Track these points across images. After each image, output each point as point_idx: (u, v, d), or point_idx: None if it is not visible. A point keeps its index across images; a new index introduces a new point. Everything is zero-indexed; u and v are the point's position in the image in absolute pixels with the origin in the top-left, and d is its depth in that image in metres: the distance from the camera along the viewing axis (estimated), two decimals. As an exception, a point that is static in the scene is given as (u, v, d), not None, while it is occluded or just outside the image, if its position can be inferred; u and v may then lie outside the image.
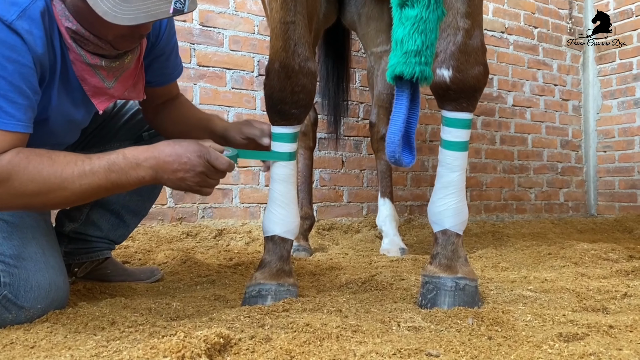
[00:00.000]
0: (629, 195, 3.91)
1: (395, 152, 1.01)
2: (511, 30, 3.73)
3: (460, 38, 1.06)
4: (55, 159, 1.03)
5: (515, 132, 3.74)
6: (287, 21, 1.11)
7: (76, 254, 1.53)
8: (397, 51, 0.95)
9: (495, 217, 3.61)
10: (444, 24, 1.08)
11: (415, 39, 0.91)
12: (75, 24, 1.08)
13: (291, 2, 1.10)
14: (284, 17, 1.11)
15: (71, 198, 1.04)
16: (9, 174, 0.98)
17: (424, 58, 0.92)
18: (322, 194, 2.92)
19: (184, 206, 2.51)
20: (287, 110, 1.16)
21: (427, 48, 0.92)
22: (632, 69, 3.90)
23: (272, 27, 1.16)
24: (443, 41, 1.08)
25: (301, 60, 1.13)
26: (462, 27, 1.06)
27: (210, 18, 2.61)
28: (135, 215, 1.59)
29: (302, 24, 1.13)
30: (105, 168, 1.04)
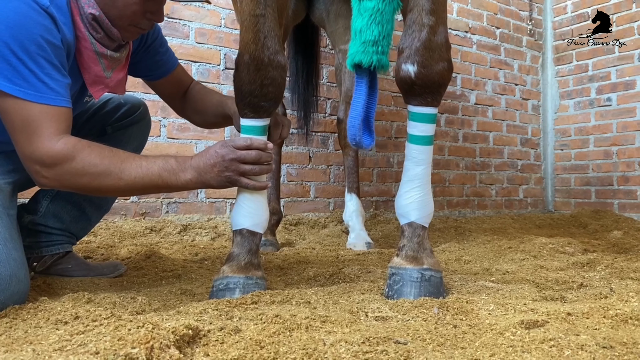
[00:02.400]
0: (583, 192, 4.06)
1: (356, 135, 1.06)
2: (474, 30, 3.82)
3: (424, 34, 1.08)
4: (116, 152, 1.14)
5: (477, 130, 3.83)
6: (256, 14, 1.11)
7: (35, 248, 1.49)
8: (356, 41, 0.99)
9: (457, 213, 3.69)
10: (409, 20, 1.10)
11: (372, 30, 0.95)
12: (99, 11, 1.19)
13: None
14: (253, 9, 1.10)
15: (123, 188, 1.13)
16: (73, 155, 1.09)
17: (381, 47, 0.97)
18: (289, 189, 2.91)
19: (148, 201, 2.47)
20: (256, 103, 1.16)
21: (384, 38, 0.96)
22: (587, 71, 4.05)
23: (242, 20, 1.15)
24: (408, 37, 1.10)
25: (271, 53, 1.13)
26: (427, 23, 1.08)
27: (176, 10, 2.56)
28: (97, 209, 1.57)
29: (272, 17, 1.13)
30: (160, 166, 1.12)
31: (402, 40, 1.11)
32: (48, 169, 1.10)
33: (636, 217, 3.67)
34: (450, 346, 0.77)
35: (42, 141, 1.09)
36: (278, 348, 0.73)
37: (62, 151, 1.09)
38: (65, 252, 1.53)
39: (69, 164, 1.09)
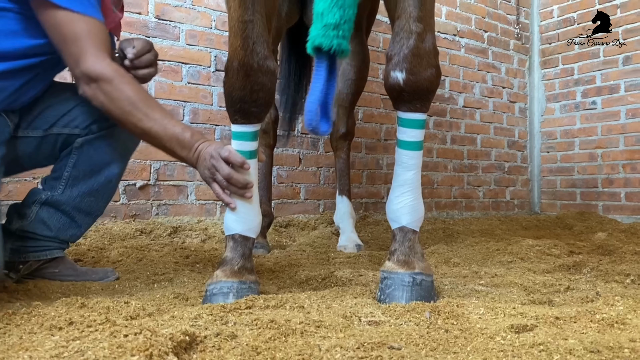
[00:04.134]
0: (569, 194, 4.13)
1: (313, 120, 1.06)
2: (463, 34, 3.85)
3: (412, 42, 1.10)
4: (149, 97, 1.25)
5: (465, 132, 3.87)
6: (245, 20, 1.11)
7: (22, 252, 1.48)
8: (317, 24, 0.99)
9: (445, 214, 3.73)
10: (397, 27, 1.12)
11: (334, 13, 0.95)
12: None
13: (249, 1, 1.10)
14: (242, 15, 1.11)
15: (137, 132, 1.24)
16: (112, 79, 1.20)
17: (342, 32, 0.96)
18: (279, 191, 2.92)
19: (138, 203, 2.46)
20: (247, 109, 1.16)
21: (345, 22, 0.96)
22: (573, 74, 4.11)
23: (231, 26, 1.16)
24: (396, 44, 1.11)
25: (260, 59, 1.14)
26: (415, 31, 1.09)
27: (167, 11, 2.56)
28: (87, 215, 1.56)
29: (261, 23, 1.14)
30: (176, 133, 1.20)
31: (391, 47, 1.13)
32: (89, 83, 1.22)
33: (620, 218, 3.74)
34: (442, 351, 0.79)
35: (89, 56, 1.21)
36: (274, 354, 0.74)
37: (103, 71, 1.20)
38: (53, 257, 1.52)
39: (106, 85, 1.20)
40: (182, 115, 2.60)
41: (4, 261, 1.46)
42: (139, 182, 2.45)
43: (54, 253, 1.52)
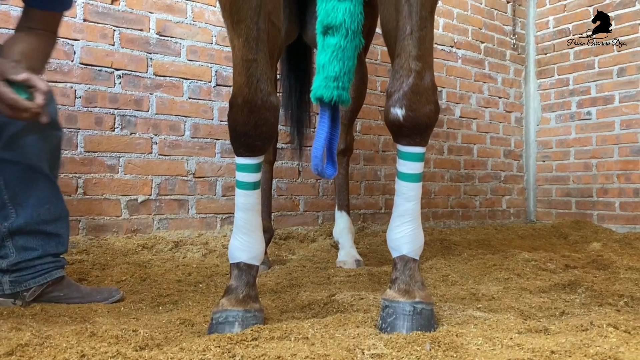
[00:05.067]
0: (564, 203, 4.17)
1: (318, 165, 1.10)
2: (459, 45, 3.90)
3: (412, 79, 1.13)
4: None
5: (462, 143, 3.91)
6: (249, 59, 1.14)
7: (22, 281, 1.49)
8: (319, 75, 1.03)
9: (442, 224, 3.77)
10: (397, 65, 1.15)
11: (334, 66, 0.98)
12: None
13: (253, 41, 1.13)
14: (246, 55, 1.14)
15: None
16: None
17: (342, 83, 1.00)
18: (278, 203, 2.96)
19: (139, 218, 2.49)
20: (251, 143, 1.20)
21: (345, 74, 1.00)
22: (568, 85, 4.16)
23: (235, 64, 1.19)
24: (396, 82, 1.15)
25: (264, 96, 1.17)
26: (414, 69, 1.13)
27: (168, 27, 2.59)
28: (57, 221, 1.54)
29: (264, 61, 1.16)
30: None
31: (391, 85, 1.16)
32: None
33: (614, 228, 3.79)
34: (443, 388, 0.82)
35: None
36: (283, 394, 0.78)
37: None
38: (56, 278, 1.52)
39: None
40: (183, 130, 2.63)
41: (7, 293, 1.49)
42: (140, 197, 2.48)
43: (54, 274, 1.53)
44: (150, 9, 2.54)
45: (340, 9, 0.84)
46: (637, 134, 3.75)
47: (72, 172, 2.31)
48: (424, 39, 1.12)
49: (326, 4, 0.84)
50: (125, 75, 2.45)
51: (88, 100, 2.35)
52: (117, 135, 2.43)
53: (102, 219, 2.39)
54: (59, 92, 2.28)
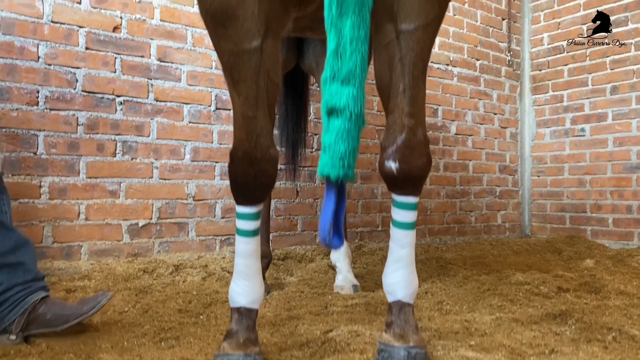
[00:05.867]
0: (559, 218, 4.23)
1: (326, 238, 1.13)
2: (455, 63, 3.95)
3: (405, 135, 1.18)
4: None
5: (457, 159, 3.97)
6: (249, 116, 1.19)
7: (3, 316, 1.51)
8: (325, 154, 1.05)
9: (438, 240, 3.82)
10: (391, 120, 1.20)
11: (339, 147, 1.01)
12: None
13: (253, 99, 1.18)
14: (246, 112, 1.18)
15: None
16: None
17: (347, 162, 1.03)
18: (277, 223, 3.00)
19: (140, 242, 2.53)
20: (250, 193, 1.25)
21: (350, 154, 1.02)
22: (563, 101, 4.22)
23: (236, 119, 1.23)
24: (390, 137, 1.20)
25: (263, 149, 1.22)
26: (407, 125, 1.18)
27: (168, 53, 2.63)
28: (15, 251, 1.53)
29: (264, 117, 1.21)
30: None
31: (385, 139, 1.22)
32: None
33: (608, 243, 3.85)
34: None
35: None
36: None
37: None
38: (36, 301, 1.53)
39: None
40: (183, 154, 2.67)
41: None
42: (141, 222, 2.52)
43: (29, 301, 1.52)
44: (151, 36, 2.58)
45: (344, 93, 0.88)
46: (630, 151, 3.81)
47: (74, 198, 2.36)
48: (416, 97, 1.17)
49: (330, 87, 0.88)
50: (126, 101, 2.50)
51: (90, 127, 2.40)
52: (119, 160, 2.47)
53: (104, 244, 2.43)
54: (61, 120, 2.32)
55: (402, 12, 1.11)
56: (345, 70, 0.86)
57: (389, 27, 1.16)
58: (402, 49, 1.14)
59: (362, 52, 0.87)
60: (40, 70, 2.29)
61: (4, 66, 2.21)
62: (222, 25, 1.10)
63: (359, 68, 0.86)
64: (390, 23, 1.15)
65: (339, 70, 0.86)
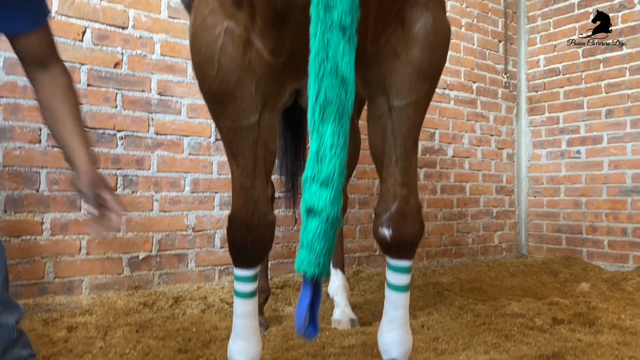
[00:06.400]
0: (555, 238, 4.27)
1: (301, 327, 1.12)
2: (452, 86, 4.00)
3: (397, 204, 1.22)
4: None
5: (454, 182, 4.01)
6: (247, 186, 1.23)
7: None
8: (303, 250, 1.05)
9: (435, 263, 3.86)
10: (384, 189, 1.25)
11: (316, 246, 1.01)
12: None
13: (250, 170, 1.22)
14: (244, 182, 1.22)
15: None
16: None
17: (323, 261, 1.02)
18: (275, 251, 3.04)
19: (140, 274, 2.56)
20: (248, 257, 1.29)
21: (325, 253, 1.01)
22: (559, 123, 4.27)
23: (234, 187, 1.27)
24: (383, 204, 1.24)
25: (260, 216, 1.26)
26: (400, 194, 1.22)
27: (169, 87, 2.68)
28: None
29: (261, 185, 1.25)
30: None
31: (378, 206, 1.26)
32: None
33: (603, 265, 3.89)
34: None
35: None
36: None
37: None
38: None
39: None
40: (183, 186, 2.71)
41: None
42: (141, 254, 2.56)
43: None
44: (152, 71, 2.62)
45: (323, 196, 0.91)
46: (625, 174, 3.85)
47: (75, 233, 2.39)
48: (408, 168, 1.22)
49: (310, 187, 0.92)
50: (127, 136, 2.54)
51: (91, 163, 2.43)
52: (119, 195, 2.51)
53: (105, 277, 2.46)
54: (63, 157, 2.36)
55: (394, 89, 1.15)
56: (324, 173, 0.89)
57: (381, 100, 1.20)
58: (394, 122, 1.18)
59: (341, 157, 0.91)
60: (43, 109, 2.33)
61: (7, 106, 2.25)
62: (221, 104, 1.14)
63: (337, 173, 0.90)
64: (382, 96, 1.19)
65: (319, 172, 0.90)
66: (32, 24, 1.28)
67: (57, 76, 1.36)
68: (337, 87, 0.87)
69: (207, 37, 1.08)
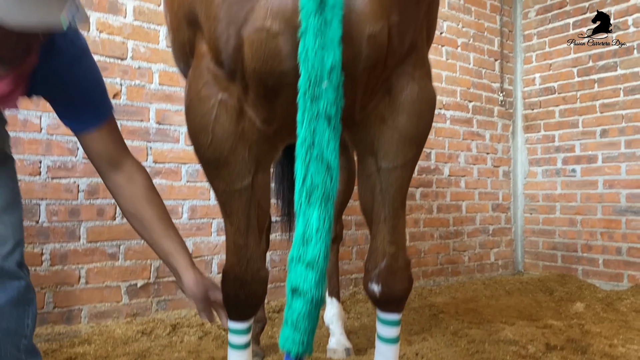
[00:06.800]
0: (550, 256, 4.31)
1: None
2: (448, 106, 4.03)
3: (386, 261, 1.26)
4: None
5: (450, 201, 4.04)
6: (240, 244, 1.26)
7: None
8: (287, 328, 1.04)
9: (432, 282, 3.89)
10: (373, 246, 1.28)
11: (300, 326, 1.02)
12: None
13: (244, 229, 1.25)
14: (237, 240, 1.26)
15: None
16: None
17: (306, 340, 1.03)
18: (272, 275, 3.07)
19: (139, 302, 2.60)
20: (241, 311, 1.33)
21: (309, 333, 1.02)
22: (554, 141, 4.30)
23: (227, 244, 1.31)
24: (372, 261, 1.28)
25: (253, 272, 1.29)
26: (389, 252, 1.26)
27: (167, 117, 2.72)
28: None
29: (254, 243, 1.28)
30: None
31: (368, 262, 1.29)
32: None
33: (598, 284, 3.92)
34: None
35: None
36: None
37: None
38: None
39: None
40: (181, 213, 2.75)
41: None
42: (140, 282, 2.60)
43: None
44: (150, 100, 2.66)
45: (308, 278, 0.94)
46: (620, 194, 3.89)
47: (74, 263, 2.43)
48: (396, 226, 1.25)
49: (295, 267, 0.95)
50: (125, 165, 2.57)
51: (90, 194, 2.48)
52: (118, 224, 2.54)
53: (103, 306, 2.50)
54: (63, 188, 2.40)
55: (382, 152, 1.19)
56: (310, 256, 0.93)
57: (370, 161, 1.24)
58: (382, 182, 1.22)
59: (326, 241, 0.94)
60: (43, 141, 2.37)
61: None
62: (215, 169, 1.17)
63: (322, 256, 0.93)
64: (371, 157, 1.23)
65: (304, 254, 0.94)
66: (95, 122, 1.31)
67: (133, 176, 1.37)
68: (323, 173, 0.91)
69: (201, 108, 1.11)
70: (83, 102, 1.30)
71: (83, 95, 1.29)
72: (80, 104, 1.30)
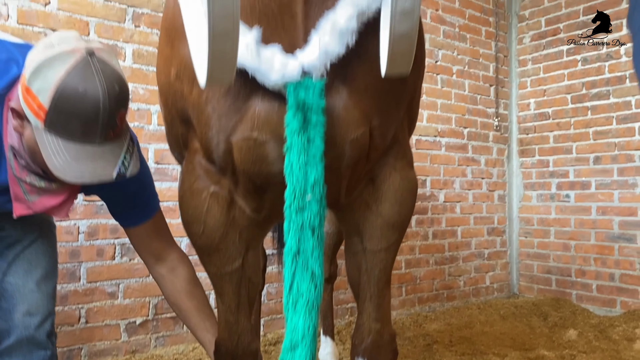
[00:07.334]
0: (545, 279, 4.36)
1: None
2: (443, 133, 4.09)
3: (372, 337, 1.32)
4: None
5: (446, 226, 4.10)
6: (230, 321, 1.32)
7: None
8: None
9: (427, 308, 3.94)
10: (359, 322, 1.34)
11: None
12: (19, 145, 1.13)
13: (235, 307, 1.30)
14: (228, 317, 1.31)
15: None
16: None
17: None
18: (268, 308, 3.13)
19: (137, 338, 2.66)
20: None
21: None
22: (549, 166, 4.36)
23: (219, 319, 1.36)
24: (359, 336, 1.34)
25: (244, 346, 1.35)
26: (374, 329, 1.32)
27: (165, 156, 2.77)
28: None
29: (245, 319, 1.34)
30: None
31: (354, 336, 1.35)
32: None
33: (592, 309, 3.97)
34: None
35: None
36: None
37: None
38: None
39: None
40: (179, 250, 2.80)
41: None
42: (138, 319, 2.66)
43: None
44: (149, 141, 2.73)
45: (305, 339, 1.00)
46: (612, 221, 3.94)
47: (74, 303, 2.49)
48: (382, 304, 1.31)
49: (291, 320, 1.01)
50: (125, 206, 2.63)
51: (90, 235, 2.54)
52: (117, 263, 2.60)
53: (103, 344, 2.56)
54: (63, 230, 2.46)
55: (367, 234, 1.25)
56: None
57: (356, 240, 1.30)
58: (367, 262, 1.28)
59: (312, 349, 1.00)
60: (44, 185, 2.43)
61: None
62: (207, 255, 1.23)
63: None
64: (357, 237, 1.29)
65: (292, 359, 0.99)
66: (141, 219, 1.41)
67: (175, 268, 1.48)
68: (308, 281, 0.97)
69: (194, 201, 1.17)
70: (131, 204, 1.40)
71: (131, 198, 1.39)
72: (128, 204, 1.40)
